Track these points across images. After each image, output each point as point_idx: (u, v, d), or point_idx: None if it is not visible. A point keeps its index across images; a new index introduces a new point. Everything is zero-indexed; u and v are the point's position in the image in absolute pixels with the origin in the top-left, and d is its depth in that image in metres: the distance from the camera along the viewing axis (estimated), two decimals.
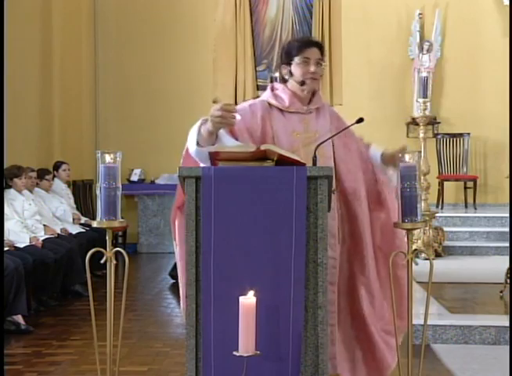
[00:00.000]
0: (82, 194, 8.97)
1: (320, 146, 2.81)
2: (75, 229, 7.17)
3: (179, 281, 2.91)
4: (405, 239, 2.81)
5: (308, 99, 3.03)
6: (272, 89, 3.05)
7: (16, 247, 5.66)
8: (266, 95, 3.05)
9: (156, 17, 10.04)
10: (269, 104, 2.99)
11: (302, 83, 2.94)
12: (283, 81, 3.04)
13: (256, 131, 2.90)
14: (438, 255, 7.46)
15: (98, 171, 2.64)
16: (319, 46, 3.00)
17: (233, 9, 10.04)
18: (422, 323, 3.39)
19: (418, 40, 10.02)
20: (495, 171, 9.98)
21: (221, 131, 2.70)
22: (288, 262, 2.47)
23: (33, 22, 7.98)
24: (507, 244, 7.18)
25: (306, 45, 2.97)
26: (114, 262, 2.73)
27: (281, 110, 2.98)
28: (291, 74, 2.97)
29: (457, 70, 10.02)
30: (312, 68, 2.92)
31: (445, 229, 7.85)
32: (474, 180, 9.66)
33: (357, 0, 9.98)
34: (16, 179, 6.16)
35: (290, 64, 2.97)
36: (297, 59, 2.94)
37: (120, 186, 2.67)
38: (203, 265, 2.49)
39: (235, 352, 2.30)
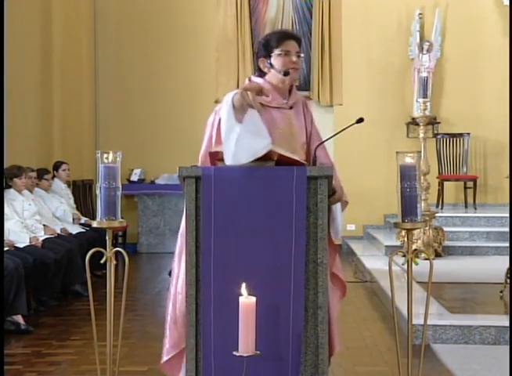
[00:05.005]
0: (82, 194, 8.97)
1: (303, 141, 2.94)
2: (75, 229, 7.17)
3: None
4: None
5: (286, 92, 3.04)
6: None
7: (16, 247, 5.65)
8: None
9: (157, 17, 10.04)
10: None
11: (286, 73, 2.93)
12: (260, 74, 3.03)
13: None
14: (438, 255, 7.45)
15: (98, 171, 2.65)
16: (297, 39, 3.02)
17: (234, 10, 10.04)
18: (422, 323, 3.39)
19: (418, 40, 10.01)
20: (495, 171, 9.97)
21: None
22: (288, 262, 2.47)
23: (33, 22, 7.97)
24: (507, 244, 7.17)
25: (286, 37, 2.99)
26: (114, 262, 2.73)
27: (262, 105, 2.92)
28: (271, 65, 2.97)
29: (457, 70, 10.01)
30: (294, 58, 2.95)
31: (445, 229, 7.85)
32: (474, 180, 9.65)
33: (357, 0, 9.99)
34: (16, 179, 6.16)
35: (269, 57, 2.97)
36: (277, 51, 2.95)
37: (120, 186, 2.68)
38: (203, 265, 2.49)
39: (235, 352, 2.30)
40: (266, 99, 2.95)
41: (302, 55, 3.01)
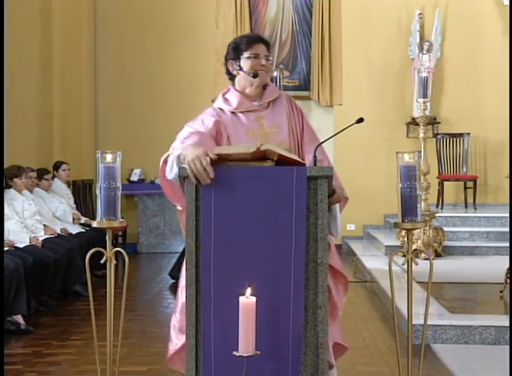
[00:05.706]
0: (82, 194, 8.97)
1: (280, 139, 2.92)
2: (75, 229, 7.17)
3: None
4: None
5: (258, 95, 3.05)
6: (224, 94, 3.10)
7: (16, 247, 5.66)
8: (217, 102, 3.09)
9: (157, 17, 10.05)
10: (221, 109, 3.03)
11: (255, 75, 2.97)
12: (231, 77, 3.07)
13: (214, 138, 2.92)
14: (438, 255, 7.45)
15: (98, 171, 2.65)
16: (266, 43, 3.06)
17: (234, 10, 10.04)
18: (422, 323, 3.40)
19: (418, 40, 10.01)
20: (495, 171, 9.98)
21: None
22: (288, 262, 2.47)
23: (33, 22, 7.98)
24: (507, 244, 7.18)
25: (255, 41, 3.03)
26: (114, 262, 2.73)
27: (233, 113, 3.01)
28: (240, 68, 3.01)
29: (457, 70, 10.02)
30: (263, 62, 2.99)
31: (445, 229, 7.85)
32: (474, 180, 9.66)
33: (357, 0, 9.99)
34: (16, 179, 6.16)
35: (238, 59, 3.02)
36: (246, 54, 2.99)
37: (120, 186, 2.67)
38: (203, 265, 2.49)
39: (235, 352, 2.30)
40: (233, 106, 3.01)
41: (271, 58, 3.06)
